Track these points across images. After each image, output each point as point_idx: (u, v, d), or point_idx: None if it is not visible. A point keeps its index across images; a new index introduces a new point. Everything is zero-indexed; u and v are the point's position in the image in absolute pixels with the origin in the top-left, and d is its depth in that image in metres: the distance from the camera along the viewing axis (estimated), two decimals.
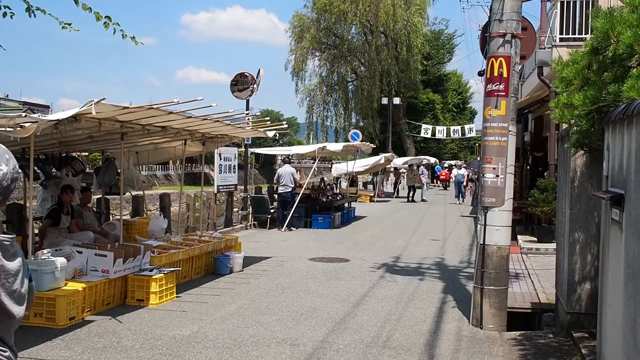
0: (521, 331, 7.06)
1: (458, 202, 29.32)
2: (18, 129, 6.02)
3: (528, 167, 19.38)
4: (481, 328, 7.03)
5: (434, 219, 21.27)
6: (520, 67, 7.48)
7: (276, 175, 17.85)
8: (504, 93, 7.04)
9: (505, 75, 7.04)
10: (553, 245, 11.66)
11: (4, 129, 5.91)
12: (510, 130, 7.08)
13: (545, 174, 15.47)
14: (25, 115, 5.81)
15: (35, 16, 8.19)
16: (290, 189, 17.12)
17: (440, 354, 6.19)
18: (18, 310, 1.90)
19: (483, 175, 7.17)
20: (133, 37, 8.73)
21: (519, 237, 13.67)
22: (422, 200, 30.63)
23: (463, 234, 16.78)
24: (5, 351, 1.91)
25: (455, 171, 32.62)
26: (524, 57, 8.23)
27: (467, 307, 7.69)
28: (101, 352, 6.07)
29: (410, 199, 30.49)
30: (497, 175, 7.04)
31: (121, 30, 8.59)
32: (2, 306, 1.85)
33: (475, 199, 23.45)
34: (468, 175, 30.26)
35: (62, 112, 6.69)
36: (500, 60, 7.05)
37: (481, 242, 7.15)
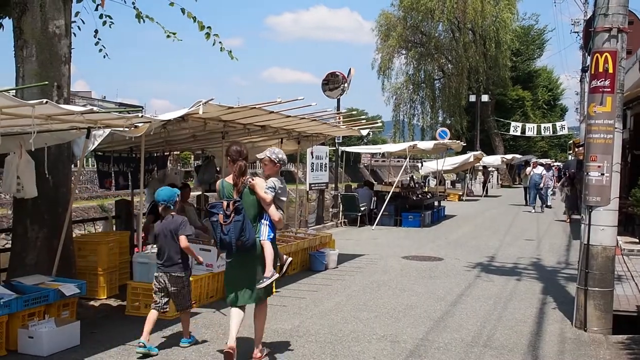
0: (628, 335, 6.84)
1: (532, 210, 23.39)
2: (132, 128, 6.38)
3: (628, 166, 18.59)
4: (585, 330, 6.86)
5: (526, 219, 20.78)
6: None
7: None
8: (609, 89, 6.86)
9: (610, 71, 6.86)
10: None
11: (121, 128, 6.28)
12: (616, 128, 6.88)
13: None
14: (141, 116, 6.15)
15: (144, 21, 8.68)
16: None
17: (545, 355, 6.09)
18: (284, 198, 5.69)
19: (587, 173, 6.99)
20: (230, 51, 9.06)
21: (618, 237, 13.12)
22: (547, 206, 24.17)
23: (558, 234, 16.33)
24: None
25: (529, 169, 24.61)
26: (630, 52, 7.98)
27: (568, 309, 7.53)
28: (209, 343, 6.34)
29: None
30: (603, 174, 6.86)
31: (220, 42, 8.95)
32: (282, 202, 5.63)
33: (568, 200, 21.34)
34: (550, 177, 24.28)
35: (172, 112, 7.02)
36: (606, 56, 6.87)
37: (585, 242, 6.98)
